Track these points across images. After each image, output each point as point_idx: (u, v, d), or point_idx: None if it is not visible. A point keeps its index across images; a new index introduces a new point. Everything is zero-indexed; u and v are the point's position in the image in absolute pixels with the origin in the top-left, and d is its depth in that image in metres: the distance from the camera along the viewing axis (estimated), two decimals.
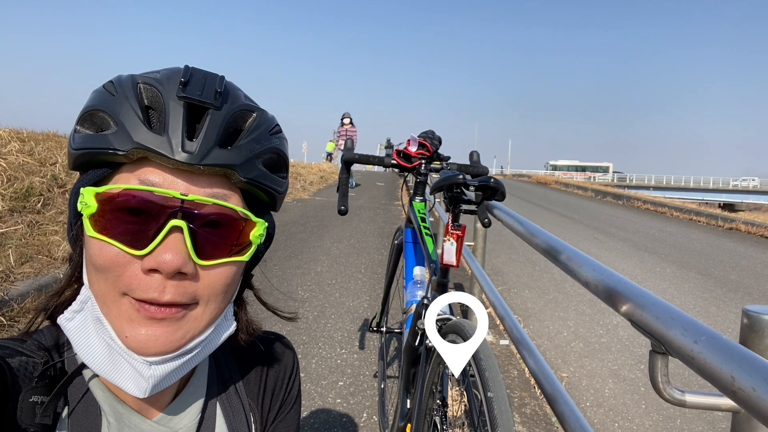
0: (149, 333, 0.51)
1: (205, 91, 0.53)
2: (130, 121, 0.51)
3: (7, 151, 5.17)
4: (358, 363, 3.07)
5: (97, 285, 0.52)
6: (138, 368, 0.51)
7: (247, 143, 0.56)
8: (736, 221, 10.68)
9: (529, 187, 20.70)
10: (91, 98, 0.54)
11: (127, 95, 0.52)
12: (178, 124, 0.51)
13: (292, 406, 0.77)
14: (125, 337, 0.51)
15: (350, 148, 2.01)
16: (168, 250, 0.50)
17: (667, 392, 0.82)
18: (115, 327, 0.52)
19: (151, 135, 0.51)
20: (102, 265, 0.51)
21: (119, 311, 0.52)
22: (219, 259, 0.55)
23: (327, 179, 15.75)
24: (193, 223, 0.52)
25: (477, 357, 1.02)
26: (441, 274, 1.43)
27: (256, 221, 0.58)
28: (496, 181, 1.20)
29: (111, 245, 0.51)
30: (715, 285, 5.69)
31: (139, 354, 0.51)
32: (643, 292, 0.88)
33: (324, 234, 7.05)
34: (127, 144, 0.51)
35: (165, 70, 0.56)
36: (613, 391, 3.13)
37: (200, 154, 0.51)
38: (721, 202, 43.45)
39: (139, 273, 0.51)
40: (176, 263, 0.50)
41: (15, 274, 3.42)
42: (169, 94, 0.52)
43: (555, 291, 5.15)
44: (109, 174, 0.54)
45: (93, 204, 0.51)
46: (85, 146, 0.52)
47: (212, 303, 0.56)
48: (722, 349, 0.64)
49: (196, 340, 0.55)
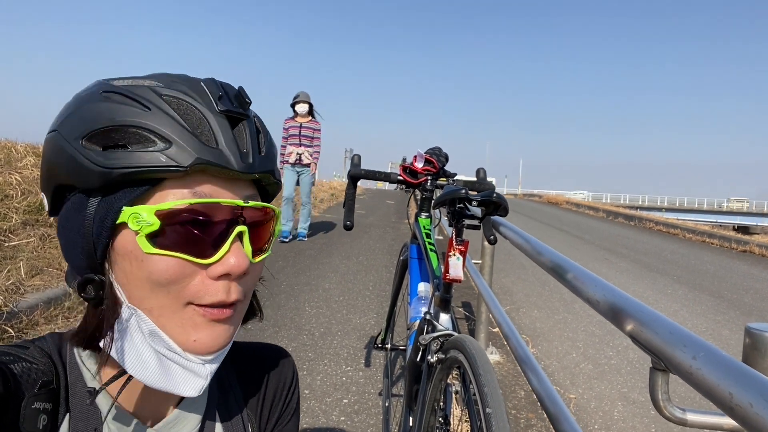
0: (214, 333, 0.55)
1: (237, 102, 0.56)
2: (182, 136, 0.51)
3: (23, 165, 5.27)
4: (364, 381, 3.05)
5: (155, 300, 0.52)
6: (194, 369, 0.54)
7: (269, 146, 0.60)
8: (750, 244, 10.53)
9: (540, 207, 20.61)
10: (107, 111, 0.51)
11: (164, 109, 0.52)
12: (228, 137, 0.54)
13: (290, 417, 0.77)
14: (193, 341, 0.54)
15: (357, 163, 2.02)
16: (233, 255, 0.54)
17: (668, 410, 0.80)
18: (177, 336, 0.54)
19: (207, 149, 0.52)
20: (168, 279, 0.52)
21: (182, 320, 0.53)
22: (263, 255, 0.60)
23: (338, 197, 15.81)
24: (250, 226, 0.56)
25: (476, 373, 1.01)
26: (444, 289, 1.42)
27: (277, 213, 0.62)
28: (498, 196, 1.20)
29: (177, 258, 0.51)
30: (728, 308, 5.59)
31: (201, 355, 0.54)
32: (644, 308, 0.87)
33: (333, 251, 7.06)
34: (188, 159, 0.51)
35: (165, 77, 0.56)
36: (622, 414, 3.07)
37: (253, 163, 0.55)
38: (735, 224, 42.90)
39: (206, 280, 0.53)
40: (244, 266, 0.54)
41: (25, 286, 3.46)
42: (208, 107, 0.54)
43: (564, 311, 5.09)
44: (149, 189, 0.52)
45: (155, 221, 0.51)
46: (134, 164, 0.50)
47: (249, 297, 0.61)
48: (720, 364, 0.63)
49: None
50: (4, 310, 3.02)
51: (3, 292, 3.20)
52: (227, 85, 0.58)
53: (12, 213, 4.33)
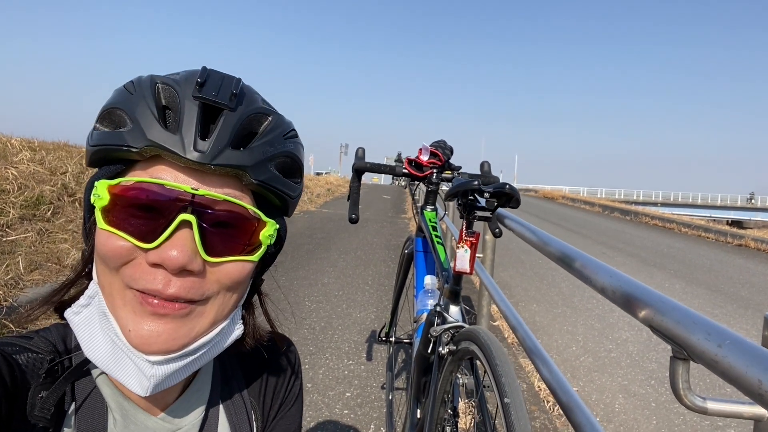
0: (152, 328, 0.51)
1: (220, 92, 0.53)
2: (145, 119, 0.52)
3: (19, 160, 5.23)
4: (366, 374, 3.05)
5: (103, 277, 0.53)
6: (141, 366, 0.51)
7: (260, 146, 0.55)
8: (746, 238, 10.60)
9: (536, 202, 20.65)
10: (112, 97, 0.56)
11: (144, 94, 0.53)
12: (191, 124, 0.52)
13: (293, 404, 0.77)
14: (128, 330, 0.51)
15: (361, 156, 2.01)
16: (175, 247, 0.50)
17: (689, 399, 0.80)
18: (120, 321, 0.52)
19: (165, 134, 0.51)
20: (107, 255, 0.51)
21: (123, 303, 0.52)
22: (228, 257, 0.54)
23: (334, 192, 15.81)
24: (203, 219, 0.52)
25: (492, 363, 1.01)
26: (453, 281, 1.42)
27: (266, 221, 0.57)
28: (510, 188, 1.20)
29: (119, 237, 0.51)
30: (725, 301, 5.63)
31: (142, 351, 0.51)
32: (662, 297, 0.87)
33: (331, 246, 7.05)
34: (140, 141, 0.51)
35: (185, 72, 0.57)
36: (623, 406, 3.09)
37: (212, 153, 0.51)
38: (729, 219, 43.12)
39: (144, 265, 0.51)
40: (181, 260, 0.50)
41: (24, 281, 3.44)
42: (185, 93, 0.53)
43: (563, 305, 5.11)
44: (122, 170, 0.55)
45: (106, 196, 0.52)
46: (102, 143, 0.54)
47: (218, 301, 0.55)
48: (748, 352, 0.63)
49: (201, 340, 0.55)
50: (4, 305, 3.00)
51: (2, 286, 3.18)
52: (221, 75, 0.56)
53: (9, 208, 4.30)
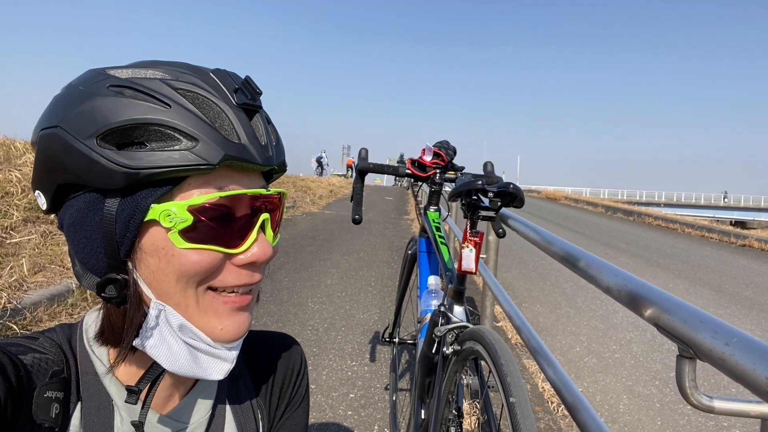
0: (238, 321, 0.57)
1: (252, 95, 0.55)
2: (207, 132, 0.50)
3: (22, 162, 5.24)
4: (369, 375, 3.05)
5: (181, 294, 0.53)
6: (221, 355, 0.57)
7: (278, 135, 0.61)
8: (749, 238, 10.57)
9: (539, 203, 20.61)
10: (123, 108, 0.49)
11: (184, 105, 0.50)
12: (248, 131, 0.54)
13: (299, 404, 0.77)
14: (220, 330, 0.56)
15: (364, 157, 2.02)
16: (259, 244, 0.56)
17: (695, 398, 0.80)
18: (205, 325, 0.55)
19: (231, 144, 0.52)
20: (199, 271, 0.53)
21: (204, 309, 0.55)
22: (277, 238, 0.62)
23: (336, 193, 15.82)
24: (271, 212, 0.58)
25: (498, 362, 1.01)
26: (458, 281, 1.42)
27: (285, 195, 0.63)
28: (515, 187, 1.20)
29: (210, 251, 0.53)
30: (729, 302, 5.61)
31: (228, 342, 0.57)
32: (668, 296, 0.87)
33: (333, 247, 7.06)
34: (217, 157, 0.50)
35: (180, 70, 0.53)
36: (627, 407, 3.08)
37: (272, 155, 0.57)
38: (732, 219, 43.02)
39: (230, 266, 0.55)
40: (268, 254, 0.57)
41: (28, 283, 3.44)
42: (225, 100, 0.53)
43: (567, 306, 5.10)
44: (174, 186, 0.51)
45: (188, 217, 0.51)
46: (161, 164, 0.49)
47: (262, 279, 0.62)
48: (756, 350, 0.63)
49: None
50: (8, 307, 3.01)
51: (6, 288, 3.19)
52: (235, 75, 0.56)
53: (13, 210, 4.31)
